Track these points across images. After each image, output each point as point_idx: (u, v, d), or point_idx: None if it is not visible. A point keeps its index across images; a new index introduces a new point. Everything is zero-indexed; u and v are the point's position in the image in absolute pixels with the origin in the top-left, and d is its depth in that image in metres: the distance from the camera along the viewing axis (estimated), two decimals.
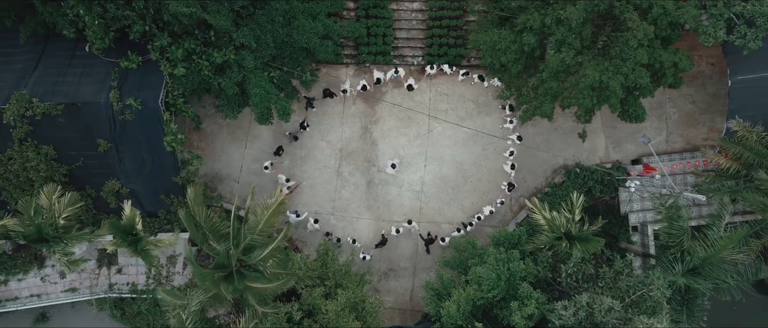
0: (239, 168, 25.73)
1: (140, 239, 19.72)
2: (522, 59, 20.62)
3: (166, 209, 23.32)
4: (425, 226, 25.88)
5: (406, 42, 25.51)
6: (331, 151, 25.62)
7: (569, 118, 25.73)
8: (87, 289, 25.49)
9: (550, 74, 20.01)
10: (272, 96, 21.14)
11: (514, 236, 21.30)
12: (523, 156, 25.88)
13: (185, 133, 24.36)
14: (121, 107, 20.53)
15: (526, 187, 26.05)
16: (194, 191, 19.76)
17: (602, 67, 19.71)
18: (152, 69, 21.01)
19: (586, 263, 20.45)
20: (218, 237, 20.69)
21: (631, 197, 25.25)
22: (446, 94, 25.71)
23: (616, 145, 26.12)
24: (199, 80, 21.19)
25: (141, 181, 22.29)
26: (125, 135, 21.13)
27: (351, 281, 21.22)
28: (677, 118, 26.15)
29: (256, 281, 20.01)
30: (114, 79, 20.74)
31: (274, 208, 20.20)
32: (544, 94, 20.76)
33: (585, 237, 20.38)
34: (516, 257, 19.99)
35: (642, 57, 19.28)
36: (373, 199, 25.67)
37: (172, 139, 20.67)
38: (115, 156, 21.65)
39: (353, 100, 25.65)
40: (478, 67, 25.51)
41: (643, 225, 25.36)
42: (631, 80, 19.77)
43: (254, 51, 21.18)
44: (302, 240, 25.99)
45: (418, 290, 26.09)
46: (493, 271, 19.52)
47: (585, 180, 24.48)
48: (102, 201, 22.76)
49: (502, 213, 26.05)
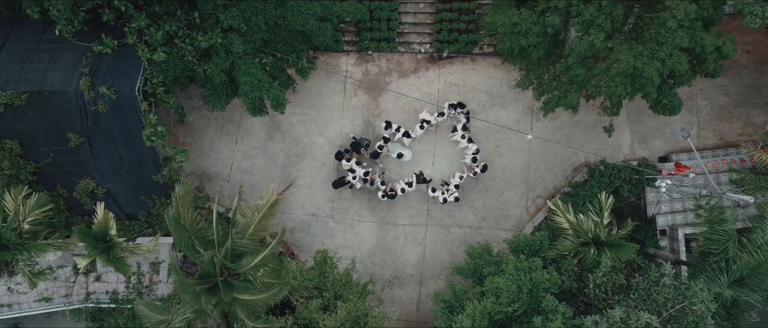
0: (229, 166, 23.47)
1: (113, 245, 17.43)
2: (545, 43, 18.33)
3: (147, 211, 21.04)
4: (433, 229, 23.62)
5: (412, 27, 23.22)
6: (329, 147, 23.34)
7: (591, 110, 23.48)
8: (62, 298, 23.29)
9: (577, 60, 17.72)
10: (264, 84, 18.86)
11: (535, 242, 19.04)
12: (541, 153, 23.61)
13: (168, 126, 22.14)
14: (93, 97, 18.23)
15: (544, 187, 23.77)
16: (183, 189, 17.49)
17: (636, 52, 17.46)
18: (129, 54, 18.73)
19: (617, 272, 18.21)
20: (205, 243, 18.48)
21: (660, 197, 23.01)
22: (457, 85, 23.44)
23: (642, 141, 23.83)
24: (182, 67, 18.90)
25: (118, 180, 20.00)
26: (99, 128, 18.84)
27: (352, 291, 18.98)
28: (709, 111, 23.87)
29: (245, 291, 17.82)
30: (86, 66, 18.43)
31: (265, 210, 18.02)
32: (570, 82, 18.47)
33: (616, 243, 18.12)
34: (538, 265, 17.75)
35: (682, 40, 17.02)
36: (376, 200, 23.38)
37: (152, 132, 18.39)
38: (89, 152, 19.36)
39: (354, 91, 23.37)
40: (492, 54, 23.21)
41: (673, 229, 23.12)
42: (668, 66, 17.51)
43: (244, 34, 18.88)
44: (299, 245, 23.72)
45: (425, 299, 23.85)
46: (513, 281, 17.27)
47: (611, 179, 22.19)
48: (75, 202, 20.47)
49: (517, 215, 23.77)
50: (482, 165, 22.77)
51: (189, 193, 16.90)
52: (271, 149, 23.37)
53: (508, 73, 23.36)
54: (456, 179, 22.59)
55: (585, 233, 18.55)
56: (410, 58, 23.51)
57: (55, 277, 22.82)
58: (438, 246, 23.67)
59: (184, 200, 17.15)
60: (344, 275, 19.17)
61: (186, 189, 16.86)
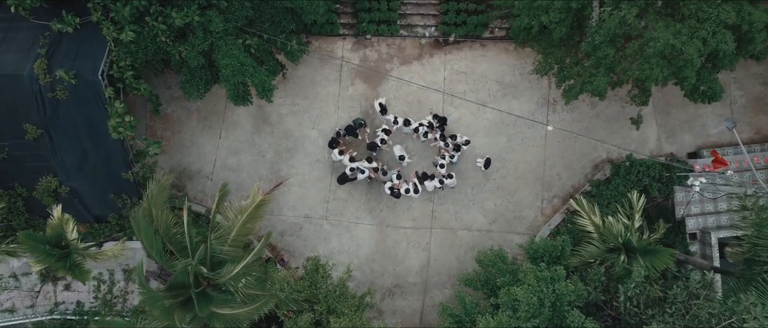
0: (213, 162, 21.15)
1: (71, 251, 15.11)
2: (568, 19, 16.03)
3: (117, 213, 18.72)
4: (438, 232, 21.30)
5: (415, 8, 20.89)
6: (324, 142, 21.03)
7: (613, 101, 21.19)
8: (28, 309, 21.01)
9: (605, 38, 15.42)
10: (247, 68, 16.54)
11: (556, 247, 16.71)
12: (557, 148, 21.30)
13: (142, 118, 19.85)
14: (50, 82, 15.91)
15: (562, 186, 21.44)
16: (157, 186, 15.26)
17: (674, 30, 15.18)
18: (93, 34, 16.43)
19: (652, 283, 15.89)
20: (181, 249, 16.24)
21: (689, 197, 20.70)
22: (464, 73, 21.13)
23: (669, 136, 21.54)
24: (154, 49, 16.58)
25: (83, 177, 17.68)
26: (58, 118, 16.52)
27: (347, 304, 16.68)
28: (744, 102, 21.59)
29: (225, 305, 15.54)
30: (42, 46, 16.12)
31: (250, 211, 15.76)
32: (596, 65, 16.17)
33: (651, 249, 15.81)
34: (561, 275, 15.43)
35: (728, 15, 14.77)
36: (376, 200, 21.07)
37: (118, 122, 16.08)
38: (49, 146, 17.04)
39: (351, 80, 21.06)
40: (504, 39, 20.91)
41: (704, 232, 20.81)
42: (710, 47, 15.24)
43: (224, 12, 16.56)
44: (290, 250, 21.41)
45: (429, 310, 21.53)
46: (533, 293, 14.94)
47: (639, 177, 19.87)
48: (36, 202, 18.15)
49: (532, 217, 21.45)
50: (486, 159, 20.45)
51: (164, 191, 14.64)
52: (259, 144, 21.07)
53: (522, 60, 21.06)
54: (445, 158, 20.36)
55: (614, 237, 16.26)
56: (413, 43, 21.20)
57: (18, 285, 20.54)
58: (444, 251, 21.36)
59: (157, 199, 14.89)
60: (339, 286, 16.88)
61: (160, 186, 14.61)
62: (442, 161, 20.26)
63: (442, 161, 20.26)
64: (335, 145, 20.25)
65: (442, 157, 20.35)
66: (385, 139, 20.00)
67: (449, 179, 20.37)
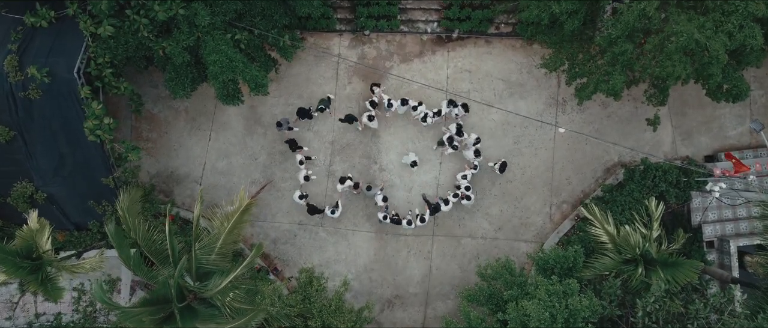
0: (202, 166, 19.98)
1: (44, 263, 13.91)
2: (581, 11, 14.83)
3: (99, 220, 17.54)
4: (440, 240, 20.13)
5: (417, 3, 19.67)
6: (319, 144, 19.86)
7: (626, 101, 20.00)
8: (6, 320, 19.89)
9: (623, 32, 14.23)
10: (237, 64, 15.35)
11: (567, 259, 15.50)
12: (567, 151, 20.12)
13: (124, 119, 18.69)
14: (22, 80, 14.73)
15: (571, 191, 20.25)
16: (128, 198, 14.15)
17: (697, 24, 14.00)
18: (70, 29, 15.30)
19: (673, 297, 14.70)
20: (163, 259, 15.07)
21: (706, 204, 19.54)
22: (468, 71, 19.95)
23: (685, 138, 20.35)
24: (136, 44, 15.41)
25: (61, 183, 16.53)
26: (32, 119, 15.37)
27: (344, 319, 15.48)
28: (764, 102, 20.42)
29: (211, 320, 14.37)
30: (14, 42, 14.94)
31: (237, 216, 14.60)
32: (613, 62, 14.97)
33: (673, 261, 14.62)
34: (575, 288, 14.23)
35: (757, 7, 13.59)
36: (374, 206, 19.87)
37: (96, 125, 14.90)
38: (23, 149, 15.87)
39: (348, 78, 19.87)
40: (510, 35, 19.73)
41: (723, 240, 19.64)
42: (737, 42, 14.06)
43: (211, 4, 15.41)
44: (283, 259, 20.22)
45: (431, 322, 20.35)
46: (545, 308, 13.75)
47: (655, 182, 18.68)
48: (11, 209, 16.99)
49: (540, 224, 20.27)
50: (501, 162, 19.25)
51: (135, 202, 13.50)
52: (251, 146, 19.90)
53: (529, 58, 19.88)
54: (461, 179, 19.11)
55: (631, 248, 15.06)
56: (414, 40, 20.01)
57: None
58: (446, 260, 20.17)
59: (131, 209, 13.74)
60: (334, 300, 15.68)
61: (131, 198, 13.48)
62: (466, 184, 19.05)
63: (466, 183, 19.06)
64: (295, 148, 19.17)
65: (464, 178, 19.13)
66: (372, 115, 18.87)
67: (467, 200, 19.17)
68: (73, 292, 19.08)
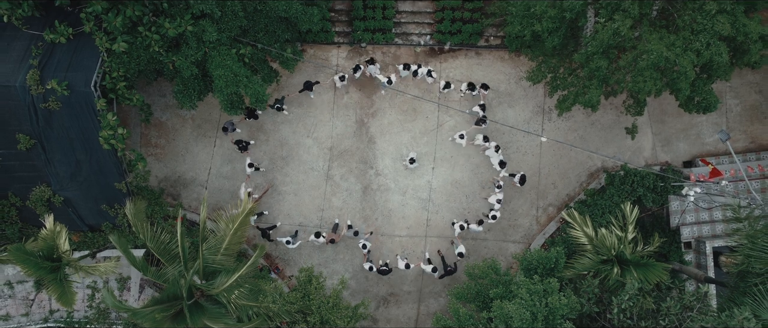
0: (207, 170, 21.11)
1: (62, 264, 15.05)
2: (561, 29, 15.97)
3: (111, 222, 18.68)
4: (433, 241, 21.25)
5: (411, 16, 20.85)
6: (318, 150, 21.00)
7: (608, 110, 21.15)
8: (22, 317, 20.99)
9: (599, 49, 15.37)
10: (241, 78, 16.47)
11: (550, 259, 16.66)
12: (553, 157, 21.25)
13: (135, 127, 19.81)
14: (43, 93, 15.85)
15: (557, 194, 21.40)
16: (135, 207, 15.26)
17: (667, 42, 15.13)
18: (86, 44, 16.38)
19: (645, 295, 15.85)
20: (171, 259, 16.18)
21: (684, 206, 20.67)
22: (460, 81, 21.07)
23: (664, 144, 21.48)
24: (147, 59, 16.53)
25: (77, 187, 17.62)
26: (51, 129, 16.47)
27: (341, 315, 16.62)
28: (740, 111, 21.54)
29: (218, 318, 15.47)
30: (35, 57, 16.06)
31: (241, 219, 15.73)
32: (590, 76, 16.12)
33: (644, 262, 15.76)
34: (554, 287, 15.38)
35: (723, 27, 14.69)
36: (371, 208, 21.03)
37: (110, 134, 16.00)
38: (42, 156, 16.99)
39: (346, 89, 20.99)
40: (499, 47, 20.86)
41: (699, 241, 20.77)
42: (704, 58, 15.18)
43: (218, 21, 16.52)
44: (284, 259, 21.35)
45: (424, 318, 21.50)
46: (526, 308, 14.89)
47: (633, 187, 19.83)
48: (30, 211, 18.11)
49: (527, 226, 21.41)
50: (520, 175, 20.36)
51: (141, 210, 14.63)
52: (254, 152, 21.03)
53: (517, 68, 21.02)
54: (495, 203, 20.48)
55: (607, 249, 16.21)
56: (408, 52, 21.15)
57: (12, 294, 20.52)
58: (439, 260, 21.30)
59: (137, 217, 14.85)
60: (332, 297, 16.82)
61: (137, 208, 14.63)
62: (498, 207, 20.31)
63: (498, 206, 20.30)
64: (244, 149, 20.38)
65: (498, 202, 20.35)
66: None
67: (479, 225, 20.39)
68: (86, 289, 20.23)
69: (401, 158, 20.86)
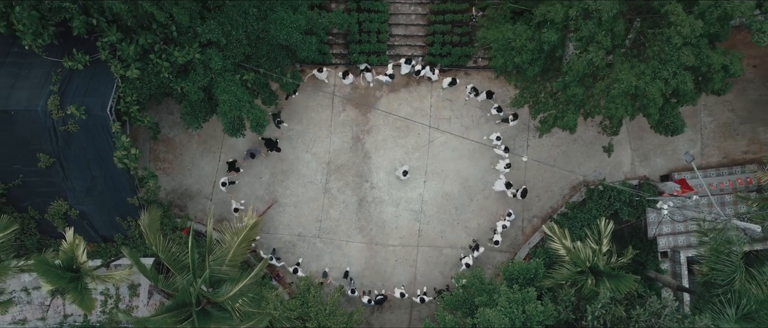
0: (212, 184, 22.44)
1: (82, 274, 16.41)
2: (540, 60, 17.31)
3: (123, 233, 20.03)
4: (424, 250, 22.58)
5: (403, 40, 22.19)
6: (317, 164, 22.34)
7: (590, 127, 22.47)
8: (39, 321, 22.32)
9: (574, 78, 16.70)
10: (244, 104, 17.83)
11: (529, 270, 18.01)
12: (537, 171, 22.59)
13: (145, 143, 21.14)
14: (63, 116, 17.21)
15: (541, 206, 22.74)
16: (149, 217, 16.58)
17: (638, 71, 16.45)
18: (102, 71, 17.73)
19: (617, 303, 17.19)
20: (180, 268, 17.51)
21: (661, 218, 21.99)
22: (449, 100, 22.42)
23: (643, 159, 22.81)
24: (158, 84, 17.90)
25: (92, 201, 19.00)
26: (70, 148, 17.83)
27: (337, 321, 17.98)
28: (713, 128, 22.86)
29: (224, 322, 16.82)
30: (55, 83, 17.42)
31: (245, 232, 17.08)
32: (567, 102, 17.46)
33: (616, 274, 17.11)
34: (532, 296, 16.72)
35: (687, 58, 15.97)
36: (365, 219, 22.39)
37: (124, 155, 17.36)
38: (60, 173, 18.35)
39: (342, 106, 22.33)
40: (487, 68, 22.19)
41: (675, 251, 22.12)
42: (671, 86, 16.49)
43: (223, 49, 17.89)
44: (285, 267, 22.66)
45: (416, 322, 22.85)
46: (505, 314, 16.25)
47: (610, 201, 21.17)
48: (48, 224, 19.48)
49: (513, 236, 22.76)
50: (522, 189, 21.74)
51: (155, 221, 15.95)
52: (256, 166, 22.37)
53: (504, 88, 22.35)
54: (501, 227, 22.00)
55: (582, 261, 17.55)
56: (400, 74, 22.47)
57: (30, 300, 21.85)
58: (430, 268, 22.68)
59: (151, 227, 16.19)
60: (329, 304, 18.17)
61: (152, 218, 15.94)
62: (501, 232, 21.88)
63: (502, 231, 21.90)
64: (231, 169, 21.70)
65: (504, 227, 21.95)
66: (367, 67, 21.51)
67: (477, 250, 21.79)
68: (99, 296, 21.57)
69: (394, 171, 22.19)
